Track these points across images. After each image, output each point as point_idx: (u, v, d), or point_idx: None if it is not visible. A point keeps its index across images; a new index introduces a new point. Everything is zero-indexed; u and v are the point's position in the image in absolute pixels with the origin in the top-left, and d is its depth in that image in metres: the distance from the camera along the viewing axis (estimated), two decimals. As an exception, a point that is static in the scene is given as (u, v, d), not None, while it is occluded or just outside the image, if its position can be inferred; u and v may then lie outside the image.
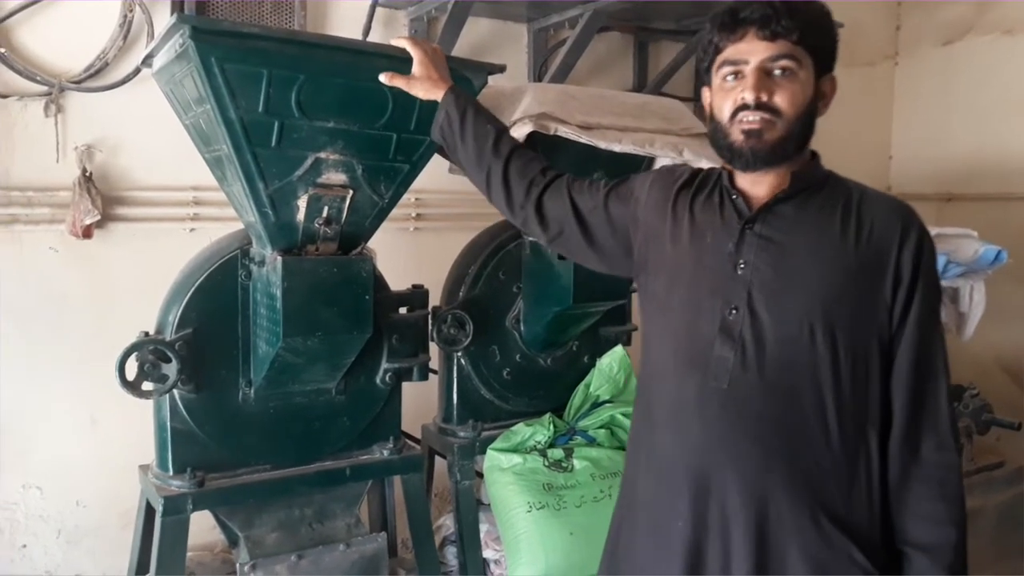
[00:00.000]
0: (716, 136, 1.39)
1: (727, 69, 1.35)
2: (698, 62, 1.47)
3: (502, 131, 1.72)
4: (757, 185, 1.39)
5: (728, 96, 1.35)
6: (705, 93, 1.46)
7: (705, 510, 1.36)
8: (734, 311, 1.35)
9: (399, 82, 1.72)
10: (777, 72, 1.31)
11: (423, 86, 1.72)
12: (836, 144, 1.38)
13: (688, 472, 1.38)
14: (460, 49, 2.94)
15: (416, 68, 1.72)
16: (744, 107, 1.32)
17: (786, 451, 1.32)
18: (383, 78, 1.72)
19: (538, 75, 3.25)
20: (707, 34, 1.39)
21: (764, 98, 1.31)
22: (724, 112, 1.36)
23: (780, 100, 1.31)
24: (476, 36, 3.13)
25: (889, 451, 1.36)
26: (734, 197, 1.41)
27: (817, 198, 1.38)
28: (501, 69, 1.96)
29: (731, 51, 1.34)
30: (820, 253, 1.34)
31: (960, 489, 1.36)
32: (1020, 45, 3.91)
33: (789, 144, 1.33)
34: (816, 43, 1.33)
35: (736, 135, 1.34)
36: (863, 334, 1.33)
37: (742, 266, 1.36)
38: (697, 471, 1.37)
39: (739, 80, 1.33)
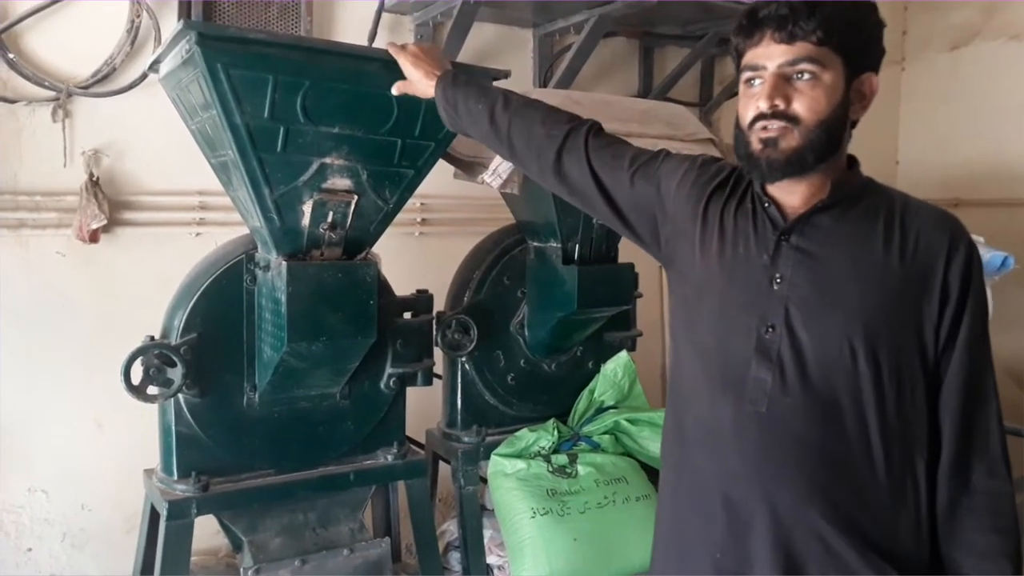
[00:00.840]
0: (738, 145, 1.30)
1: (747, 74, 1.27)
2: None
3: (493, 105, 1.59)
4: (790, 194, 1.30)
5: (749, 103, 1.26)
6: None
7: (744, 542, 1.29)
8: (771, 329, 1.26)
9: (404, 87, 1.73)
10: (796, 76, 1.22)
11: (416, 89, 1.72)
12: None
13: (726, 501, 1.31)
14: (466, 54, 2.95)
15: (406, 74, 1.72)
16: (761, 115, 1.23)
17: (829, 478, 1.25)
18: (394, 89, 1.73)
19: (543, 80, 3.25)
20: (733, 37, 1.31)
21: (780, 106, 1.21)
22: (745, 119, 1.27)
23: (799, 107, 1.22)
24: (482, 41, 3.14)
25: (938, 479, 1.28)
26: (767, 206, 1.31)
27: (856, 208, 1.29)
28: (506, 75, 1.96)
29: (750, 55, 1.26)
30: (861, 268, 1.25)
31: (1014, 520, 1.27)
32: (1027, 50, 3.90)
33: (807, 154, 1.23)
34: (845, 42, 1.22)
35: (755, 144, 1.25)
36: (908, 354, 1.25)
37: (778, 281, 1.27)
38: (735, 501, 1.30)
39: (761, 86, 1.25)
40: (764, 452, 1.27)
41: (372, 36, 2.77)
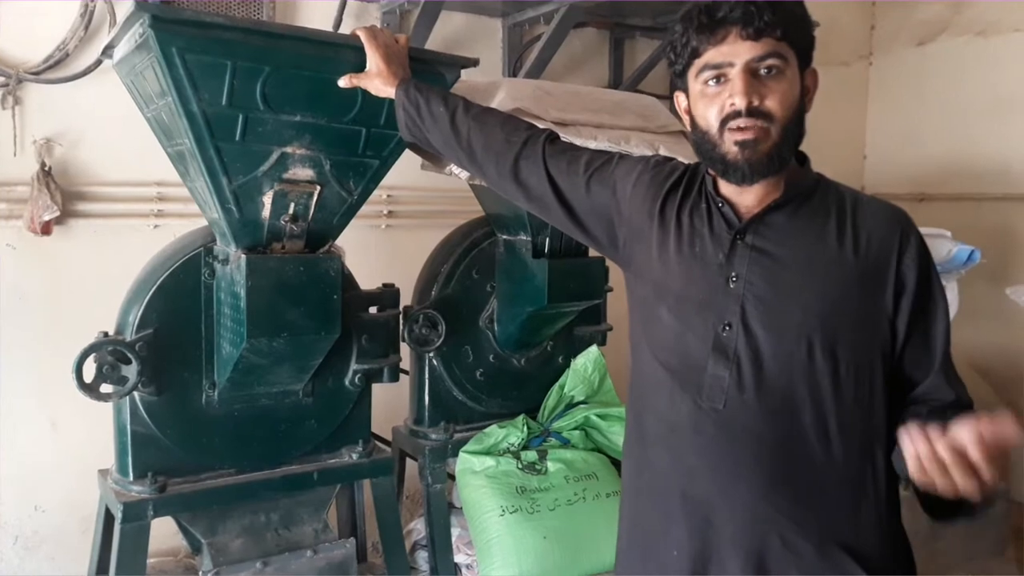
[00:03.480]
0: (704, 146, 1.29)
1: (708, 74, 1.25)
2: (670, 65, 1.36)
3: (455, 109, 1.60)
4: (744, 194, 1.30)
5: (713, 103, 1.25)
6: (679, 98, 1.36)
7: (703, 540, 1.29)
8: (727, 328, 1.27)
9: (355, 81, 1.68)
10: (764, 72, 1.22)
11: (373, 84, 1.67)
12: (810, 143, 1.34)
13: (684, 499, 1.31)
14: (433, 43, 2.90)
15: (369, 63, 1.67)
16: (735, 114, 1.22)
17: (788, 475, 1.25)
18: (342, 83, 1.67)
19: (513, 71, 3.22)
20: (680, 36, 1.29)
21: (755, 102, 1.21)
22: (711, 120, 1.26)
23: (771, 103, 1.22)
24: (450, 30, 3.10)
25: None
26: (721, 206, 1.32)
27: (809, 205, 1.30)
28: (474, 63, 1.92)
29: (712, 54, 1.24)
30: (816, 265, 1.27)
31: None
32: (993, 46, 3.94)
33: (785, 151, 1.25)
34: (798, 37, 1.25)
35: (729, 146, 1.24)
36: (865, 348, 1.26)
37: (734, 279, 1.28)
38: (693, 498, 1.30)
39: (723, 84, 1.24)
40: (721, 449, 1.27)
41: (337, 23, 2.72)
